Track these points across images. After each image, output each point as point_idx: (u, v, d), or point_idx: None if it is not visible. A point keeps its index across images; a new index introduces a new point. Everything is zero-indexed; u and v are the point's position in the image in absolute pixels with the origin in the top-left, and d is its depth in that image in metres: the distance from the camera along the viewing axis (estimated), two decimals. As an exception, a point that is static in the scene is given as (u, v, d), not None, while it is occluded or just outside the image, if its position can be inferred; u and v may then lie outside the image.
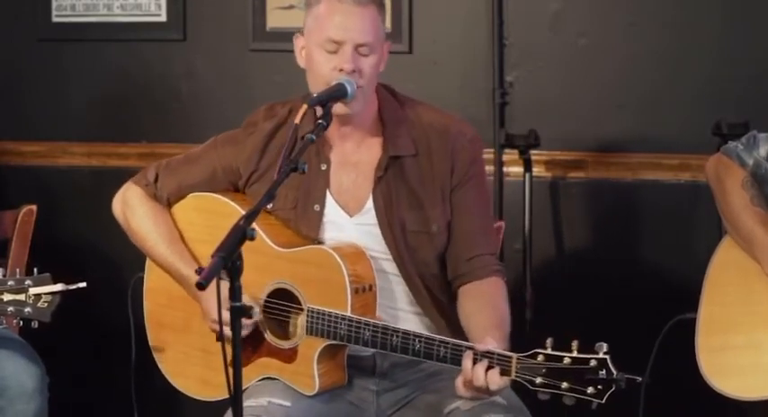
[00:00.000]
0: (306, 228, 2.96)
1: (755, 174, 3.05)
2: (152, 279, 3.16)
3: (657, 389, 3.28)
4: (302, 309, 2.87)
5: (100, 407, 4.34)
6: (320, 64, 2.86)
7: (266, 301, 2.93)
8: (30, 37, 4.36)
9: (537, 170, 3.94)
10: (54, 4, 4.32)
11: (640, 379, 2.49)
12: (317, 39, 2.86)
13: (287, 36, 4.07)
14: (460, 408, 2.80)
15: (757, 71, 3.83)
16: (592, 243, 3.98)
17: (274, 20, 4.16)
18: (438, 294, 2.95)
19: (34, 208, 3.67)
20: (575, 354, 2.52)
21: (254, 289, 2.92)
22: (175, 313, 3.09)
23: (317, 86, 2.86)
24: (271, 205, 2.98)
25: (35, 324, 2.97)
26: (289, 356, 2.90)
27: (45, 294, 2.95)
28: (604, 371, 2.48)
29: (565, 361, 2.52)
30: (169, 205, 3.11)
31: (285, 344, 2.91)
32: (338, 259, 2.83)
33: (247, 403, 2.82)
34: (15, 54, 4.38)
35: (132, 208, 3.11)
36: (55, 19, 4.33)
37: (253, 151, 3.01)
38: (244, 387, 2.86)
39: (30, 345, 3.34)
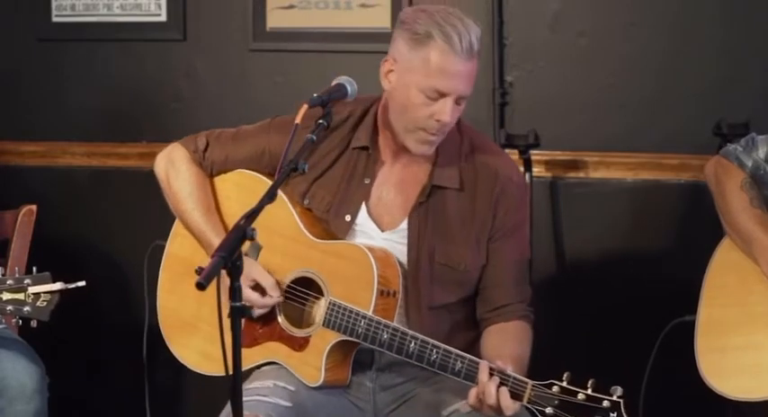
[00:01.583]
0: (335, 232, 2.97)
1: (755, 176, 3.05)
2: (175, 245, 3.16)
3: (657, 391, 3.28)
4: (320, 299, 2.88)
5: (100, 407, 4.34)
6: (417, 107, 2.84)
7: (289, 286, 2.94)
8: (29, 37, 4.35)
9: (537, 170, 3.94)
10: (54, 4, 4.32)
11: None
12: (420, 83, 2.83)
13: (287, 36, 4.14)
14: (460, 410, 2.80)
15: (757, 71, 3.83)
16: (592, 244, 3.98)
17: (274, 20, 4.15)
18: (433, 323, 2.93)
19: (34, 208, 3.66)
20: (589, 392, 2.55)
21: (280, 273, 2.93)
22: (191, 282, 3.08)
23: (404, 122, 2.87)
24: (307, 201, 2.99)
25: (34, 324, 2.97)
26: (300, 344, 2.91)
27: (44, 293, 2.95)
28: (615, 414, 2.52)
29: (579, 397, 2.56)
30: (211, 175, 3.13)
31: (299, 332, 2.92)
32: (371, 258, 2.84)
33: (253, 384, 2.87)
34: (15, 54, 4.38)
35: (177, 169, 3.11)
36: (55, 19, 4.33)
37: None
38: (248, 367, 2.91)
39: (30, 345, 3.34)
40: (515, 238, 2.99)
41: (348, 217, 2.96)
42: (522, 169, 3.90)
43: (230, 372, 2.37)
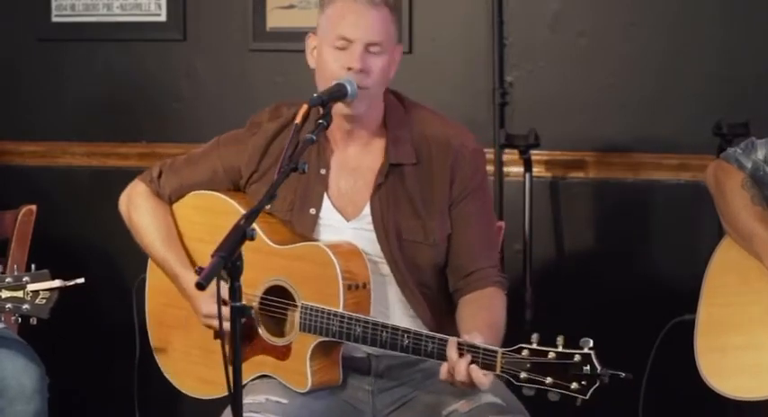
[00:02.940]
0: (301, 230, 2.96)
1: (754, 177, 3.05)
2: (154, 278, 3.16)
3: (656, 391, 3.28)
4: (297, 305, 2.87)
5: (100, 407, 4.34)
6: (329, 62, 2.86)
7: (262, 298, 2.93)
8: (29, 37, 4.35)
9: (537, 170, 3.94)
10: (54, 4, 4.32)
11: (624, 375, 2.46)
12: (328, 38, 2.87)
13: (287, 36, 4.14)
14: (459, 410, 2.80)
15: (757, 71, 3.83)
16: (592, 244, 3.98)
17: (274, 20, 4.16)
18: (432, 299, 2.95)
19: (34, 208, 3.67)
20: (559, 349, 2.51)
21: (251, 286, 2.92)
22: (176, 311, 3.10)
23: (325, 84, 2.86)
24: (269, 206, 2.99)
25: (34, 321, 2.96)
26: (283, 353, 2.90)
27: (43, 290, 2.94)
28: (588, 367, 2.47)
29: (549, 356, 2.51)
30: (170, 203, 3.13)
31: (279, 341, 2.91)
32: (331, 255, 2.82)
33: (245, 400, 2.82)
34: (15, 54, 4.38)
35: (135, 204, 3.12)
36: (54, 19, 4.33)
37: (254, 151, 3.02)
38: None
39: (30, 346, 3.34)
40: (476, 202, 2.96)
41: (313, 211, 2.95)
42: (522, 169, 3.91)
43: (231, 382, 2.38)
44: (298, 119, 2.77)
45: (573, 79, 3.97)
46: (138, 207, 3.12)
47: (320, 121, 2.78)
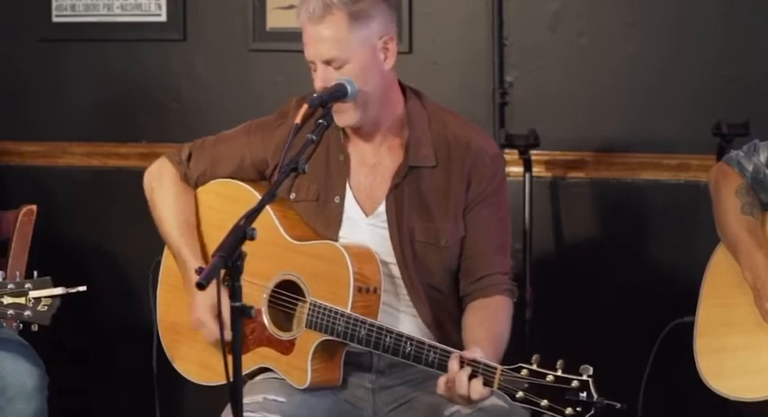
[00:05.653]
0: (325, 221, 2.97)
1: (755, 179, 3.05)
2: (169, 260, 3.17)
3: (656, 391, 3.28)
4: (306, 302, 2.88)
5: (99, 407, 4.34)
6: (314, 83, 2.89)
7: (273, 291, 2.94)
8: (30, 37, 4.36)
9: (537, 170, 3.94)
10: (54, 4, 4.32)
11: (620, 405, 2.48)
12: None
13: (287, 36, 4.14)
14: (461, 411, 2.80)
15: (757, 71, 3.83)
16: (591, 244, 3.98)
17: (274, 20, 4.16)
18: (439, 302, 2.95)
19: (34, 208, 3.67)
20: (558, 373, 2.53)
21: (264, 278, 2.94)
22: (185, 296, 3.10)
23: None
24: (293, 195, 3.00)
25: (35, 327, 2.97)
26: (286, 347, 2.91)
27: (45, 297, 2.95)
28: (585, 394, 2.49)
29: (548, 379, 2.53)
30: (196, 186, 3.14)
31: (284, 335, 2.93)
32: (346, 256, 2.84)
33: (243, 400, 2.83)
34: (15, 54, 4.39)
35: (160, 183, 3.13)
36: (55, 19, 4.33)
37: (280, 143, 3.01)
38: (242, 374, 2.90)
39: (30, 345, 3.34)
40: (492, 207, 2.96)
41: (337, 199, 2.96)
42: (522, 169, 3.91)
43: (230, 372, 2.38)
44: (297, 120, 2.77)
45: (573, 79, 3.97)
46: (164, 188, 3.12)
47: (320, 121, 2.79)
